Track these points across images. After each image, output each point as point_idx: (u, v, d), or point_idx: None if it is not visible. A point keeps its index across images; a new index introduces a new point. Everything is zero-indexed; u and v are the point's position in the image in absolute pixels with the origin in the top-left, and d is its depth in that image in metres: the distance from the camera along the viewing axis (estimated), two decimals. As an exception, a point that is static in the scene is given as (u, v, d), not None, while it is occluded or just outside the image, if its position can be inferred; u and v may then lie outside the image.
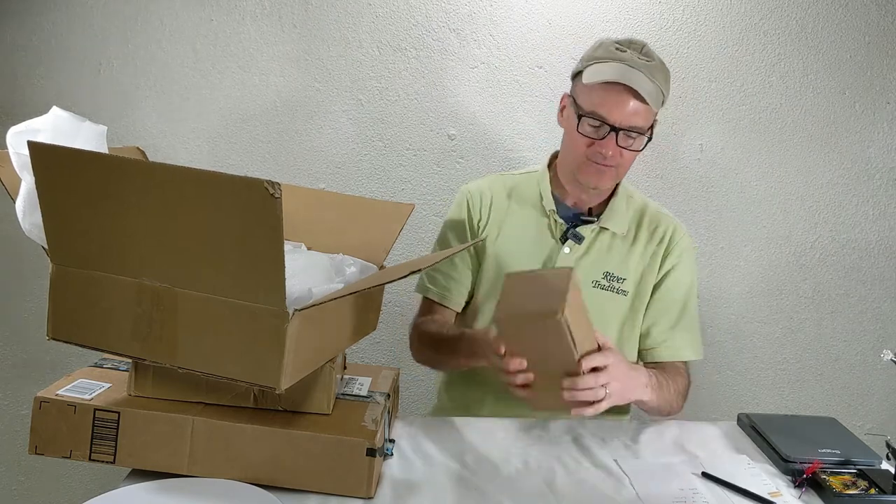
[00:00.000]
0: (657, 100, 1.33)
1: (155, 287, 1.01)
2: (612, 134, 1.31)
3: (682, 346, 1.46)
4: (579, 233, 1.42)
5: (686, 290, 1.46)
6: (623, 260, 1.43)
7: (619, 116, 1.31)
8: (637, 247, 1.44)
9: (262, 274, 0.94)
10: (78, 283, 1.05)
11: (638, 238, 1.45)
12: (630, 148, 1.34)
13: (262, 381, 0.98)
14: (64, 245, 1.05)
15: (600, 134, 1.33)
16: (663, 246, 1.45)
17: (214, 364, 1.00)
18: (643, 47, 1.35)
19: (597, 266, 1.42)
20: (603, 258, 1.43)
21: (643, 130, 1.34)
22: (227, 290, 0.97)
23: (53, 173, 1.00)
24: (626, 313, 1.44)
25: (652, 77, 1.30)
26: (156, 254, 1.00)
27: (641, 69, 1.30)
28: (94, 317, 1.05)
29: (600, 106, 1.31)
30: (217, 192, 0.93)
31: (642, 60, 1.31)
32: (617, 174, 1.39)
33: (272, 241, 0.91)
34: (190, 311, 1.00)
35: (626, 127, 1.31)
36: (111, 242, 1.02)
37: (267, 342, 0.96)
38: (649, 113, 1.34)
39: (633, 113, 1.31)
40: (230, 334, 0.98)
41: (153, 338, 1.02)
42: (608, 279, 1.42)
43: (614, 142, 1.32)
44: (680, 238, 1.46)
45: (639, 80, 1.29)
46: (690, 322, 1.47)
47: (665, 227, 1.46)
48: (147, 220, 0.98)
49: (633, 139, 1.33)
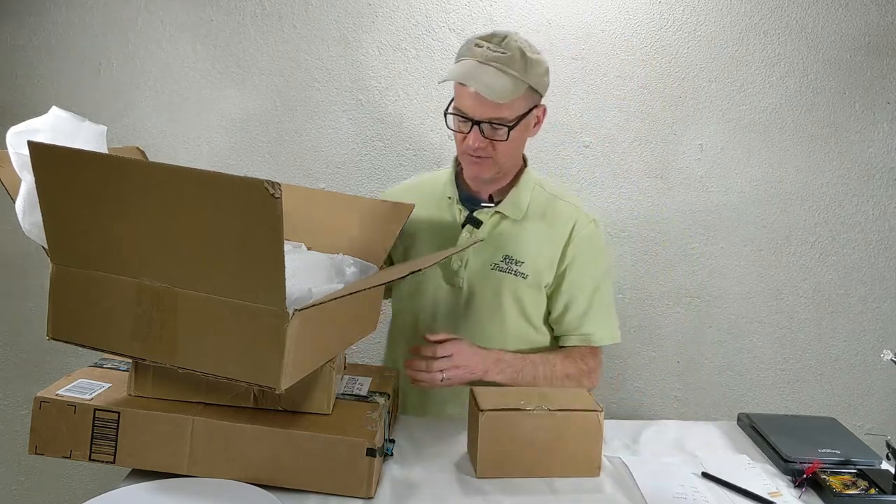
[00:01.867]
0: (508, 92, 1.32)
1: (155, 287, 1.01)
2: (475, 128, 1.35)
3: (593, 332, 1.50)
4: (476, 217, 1.46)
5: (593, 277, 1.50)
6: (523, 244, 1.46)
7: (476, 112, 1.34)
8: (538, 233, 1.47)
9: (262, 274, 0.94)
10: (78, 283, 1.05)
11: (540, 226, 1.48)
12: (497, 139, 1.36)
13: (262, 381, 0.98)
14: (64, 245, 1.05)
15: (465, 128, 1.36)
16: (565, 235, 1.47)
17: (214, 364, 1.00)
18: (504, 39, 1.37)
19: (496, 249, 1.46)
20: (502, 242, 1.46)
21: (508, 121, 1.35)
22: (227, 290, 0.97)
23: (53, 173, 1.00)
24: (526, 295, 1.47)
25: (505, 69, 1.33)
26: (156, 254, 1.00)
27: (492, 63, 1.32)
28: (94, 317, 1.05)
29: (458, 101, 1.36)
30: (217, 192, 0.92)
31: (496, 53, 1.34)
32: (496, 163, 1.40)
33: (272, 241, 0.91)
34: (190, 311, 1.00)
35: (486, 120, 1.34)
36: (111, 242, 1.02)
37: (267, 342, 0.96)
38: (514, 104, 1.35)
39: (491, 107, 1.33)
40: (230, 334, 0.98)
41: (153, 338, 1.02)
42: (507, 262, 1.46)
43: (477, 134, 1.35)
44: (582, 227, 1.49)
45: (483, 77, 1.32)
46: (601, 308, 1.51)
47: (568, 216, 1.49)
48: (147, 220, 0.98)
49: (498, 129, 1.36)
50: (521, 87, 1.35)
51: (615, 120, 1.96)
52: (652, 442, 1.34)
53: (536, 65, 1.37)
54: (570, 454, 1.18)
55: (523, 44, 1.36)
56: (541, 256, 1.46)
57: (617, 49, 1.93)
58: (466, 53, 1.37)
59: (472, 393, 1.23)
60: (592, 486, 1.16)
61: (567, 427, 1.17)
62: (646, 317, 2.04)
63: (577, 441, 1.18)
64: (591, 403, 1.20)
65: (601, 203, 1.98)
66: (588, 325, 1.49)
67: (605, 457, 1.24)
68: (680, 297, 2.04)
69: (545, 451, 1.17)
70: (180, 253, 0.98)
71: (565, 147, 1.96)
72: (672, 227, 2.01)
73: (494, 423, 1.16)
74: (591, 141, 1.96)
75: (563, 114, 1.94)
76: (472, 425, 1.22)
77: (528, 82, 1.35)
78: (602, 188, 1.98)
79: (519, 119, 1.37)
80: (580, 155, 1.96)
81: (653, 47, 1.94)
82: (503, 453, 1.17)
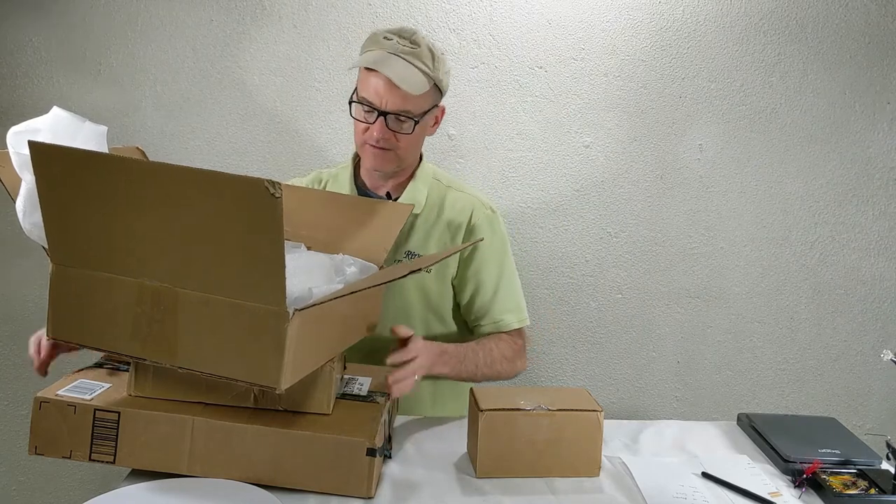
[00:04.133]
0: (419, 85, 1.36)
1: (155, 287, 1.01)
2: (380, 118, 1.36)
3: (501, 317, 1.52)
4: None
5: (497, 263, 1.52)
6: (423, 239, 1.49)
7: (383, 101, 1.35)
8: (438, 227, 1.50)
9: (263, 273, 0.94)
10: (78, 283, 1.05)
11: (439, 218, 1.50)
12: (401, 132, 1.38)
13: (262, 381, 0.98)
14: (64, 245, 1.05)
15: (370, 119, 1.38)
16: (463, 225, 1.50)
17: (214, 364, 1.00)
18: (413, 35, 1.39)
19: (397, 246, 1.46)
20: (403, 238, 1.48)
21: (413, 115, 1.38)
22: (228, 290, 0.97)
23: (53, 172, 1.00)
24: (430, 289, 1.50)
25: (412, 62, 1.35)
26: (156, 253, 1.00)
27: (402, 55, 1.35)
28: (94, 317, 1.05)
29: (364, 91, 1.37)
30: (217, 191, 0.92)
31: (406, 47, 1.36)
32: (398, 157, 1.43)
33: (272, 240, 0.91)
34: (190, 311, 1.00)
35: (392, 111, 1.36)
36: (111, 242, 1.02)
37: (267, 342, 0.96)
38: (422, 98, 1.37)
39: (400, 97, 1.35)
40: (230, 334, 0.98)
41: (153, 338, 1.02)
42: (409, 257, 1.48)
43: (383, 125, 1.37)
44: (480, 215, 1.51)
45: (395, 65, 1.34)
46: (508, 292, 1.54)
47: (463, 206, 1.51)
48: (147, 219, 0.98)
49: (403, 122, 1.38)
50: (429, 82, 1.38)
51: (615, 120, 1.96)
52: (652, 442, 1.34)
53: (442, 63, 1.41)
54: (570, 454, 1.18)
55: (430, 42, 1.40)
56: (442, 248, 1.49)
57: (617, 49, 1.93)
58: (373, 45, 1.38)
59: (472, 393, 1.23)
60: (592, 486, 1.16)
61: (567, 427, 1.17)
62: (646, 317, 2.04)
63: (577, 441, 1.18)
64: (591, 403, 1.20)
65: (601, 203, 1.98)
66: (497, 310, 1.52)
67: (605, 457, 1.24)
68: (680, 297, 2.04)
69: (545, 451, 1.17)
70: (180, 252, 0.98)
71: (565, 147, 1.96)
72: (672, 227, 2.01)
73: (494, 423, 1.16)
74: (591, 141, 1.96)
75: (563, 114, 1.94)
76: (472, 425, 1.22)
77: (435, 79, 1.39)
78: (602, 188, 1.98)
79: (423, 114, 1.40)
80: (580, 155, 1.96)
81: (653, 47, 1.94)
82: (503, 453, 1.17)
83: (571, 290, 2.02)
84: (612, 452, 1.28)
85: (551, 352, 2.04)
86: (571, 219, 1.99)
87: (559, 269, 2.00)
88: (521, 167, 1.96)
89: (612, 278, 2.02)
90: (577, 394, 1.25)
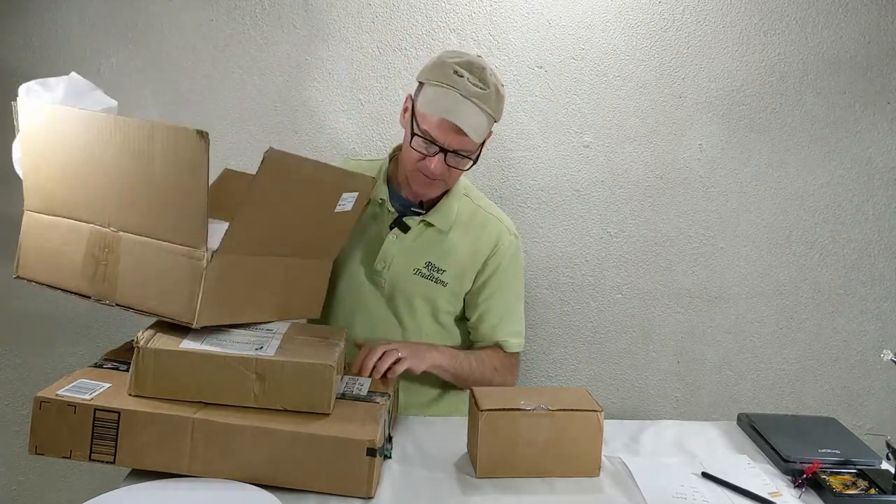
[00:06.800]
0: (484, 130, 1.40)
1: (103, 231, 1.14)
2: (440, 154, 1.38)
3: (506, 340, 1.57)
4: (405, 223, 1.50)
5: (511, 290, 1.58)
6: (446, 253, 1.51)
7: (447, 142, 1.37)
8: (462, 244, 1.51)
9: (186, 215, 1.07)
10: (43, 227, 1.20)
11: (465, 236, 1.52)
12: (458, 167, 1.42)
13: (179, 316, 1.10)
14: (37, 192, 1.20)
15: (430, 151, 1.39)
16: (488, 248, 1.53)
17: (146, 301, 1.12)
18: (482, 72, 1.39)
19: (419, 255, 1.50)
20: (426, 249, 1.50)
21: (471, 153, 1.41)
22: (159, 233, 1.11)
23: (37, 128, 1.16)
24: (444, 301, 1.52)
25: (482, 106, 1.36)
26: (109, 200, 1.14)
27: (472, 98, 1.35)
28: (51, 257, 1.19)
29: (428, 126, 1.38)
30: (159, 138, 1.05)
31: (476, 88, 1.36)
32: (445, 185, 1.47)
33: (196, 182, 1.05)
34: (129, 253, 1.13)
35: (454, 149, 1.38)
36: (75, 191, 1.16)
37: (186, 280, 1.09)
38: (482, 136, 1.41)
39: (465, 139, 1.37)
40: (159, 273, 1.11)
41: (98, 278, 1.15)
42: (429, 268, 1.50)
43: (442, 161, 1.39)
44: (505, 242, 1.54)
45: (467, 113, 1.35)
46: (514, 319, 1.59)
47: (491, 230, 1.54)
48: (106, 169, 1.12)
49: (461, 159, 1.41)
50: (492, 123, 1.42)
51: (615, 120, 1.96)
52: (652, 442, 1.34)
53: (503, 101, 1.43)
54: (570, 454, 1.18)
55: (497, 80, 1.41)
56: (463, 266, 1.51)
57: (617, 49, 1.93)
58: (443, 80, 1.37)
59: (472, 393, 1.23)
60: (592, 486, 1.16)
61: (567, 427, 1.17)
62: (646, 317, 2.04)
63: (577, 441, 1.18)
64: (591, 403, 1.20)
65: (601, 203, 1.98)
66: (501, 335, 1.56)
67: (605, 457, 1.24)
68: (680, 297, 2.04)
69: (545, 451, 1.17)
70: (126, 199, 1.13)
71: (565, 147, 1.96)
72: (672, 227, 2.01)
73: (494, 423, 1.16)
74: (591, 141, 1.96)
75: (563, 114, 1.94)
76: (472, 425, 1.22)
77: (496, 118, 1.42)
78: (602, 188, 1.98)
79: (480, 148, 1.43)
80: (580, 155, 1.96)
81: (653, 47, 1.94)
82: (503, 453, 1.17)
83: (571, 290, 2.02)
84: (612, 452, 1.28)
85: (551, 352, 2.04)
86: (571, 219, 1.99)
87: (559, 269, 2.00)
88: (520, 167, 1.96)
89: (612, 278, 2.02)
90: (577, 394, 1.25)
